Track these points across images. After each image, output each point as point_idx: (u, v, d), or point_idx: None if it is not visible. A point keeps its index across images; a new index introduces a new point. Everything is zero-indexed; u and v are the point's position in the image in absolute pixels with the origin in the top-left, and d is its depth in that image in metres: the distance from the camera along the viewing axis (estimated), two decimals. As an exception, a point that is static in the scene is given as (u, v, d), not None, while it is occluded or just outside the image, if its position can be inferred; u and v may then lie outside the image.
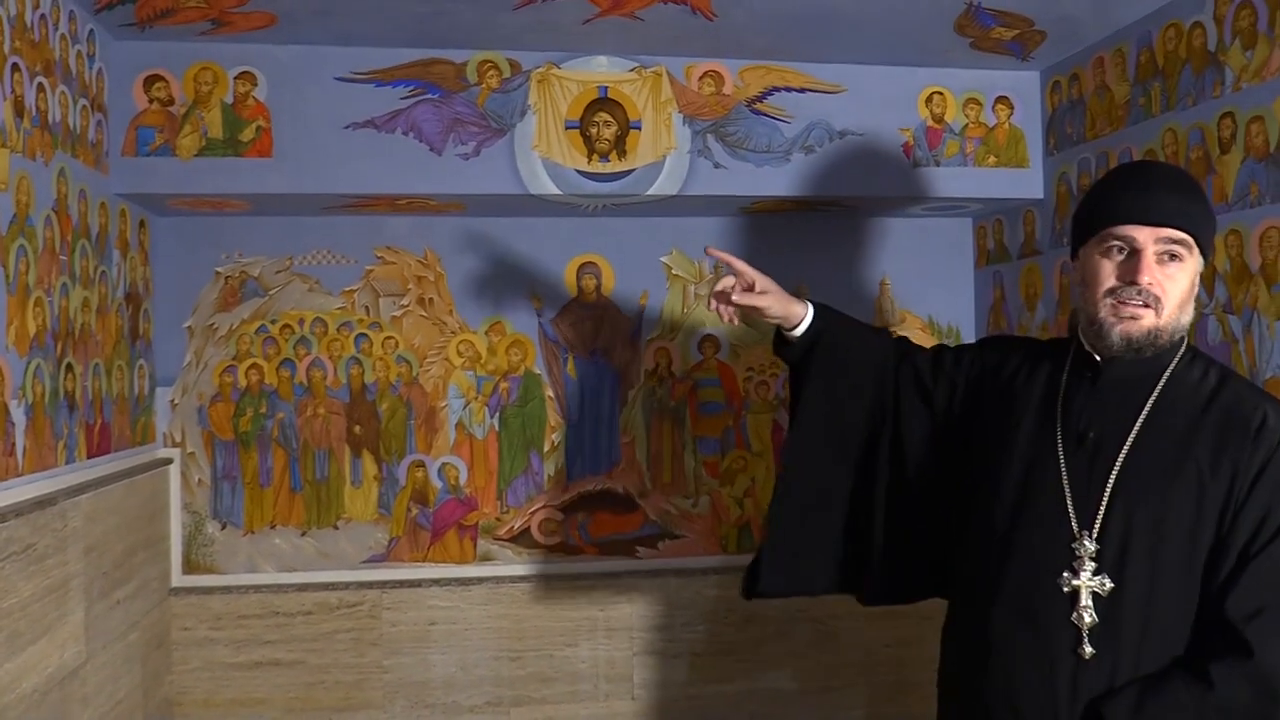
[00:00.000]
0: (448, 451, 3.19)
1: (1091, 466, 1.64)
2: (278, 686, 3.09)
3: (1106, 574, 1.59)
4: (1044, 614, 1.62)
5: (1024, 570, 1.67)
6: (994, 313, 3.32)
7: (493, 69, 2.86)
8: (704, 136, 2.93)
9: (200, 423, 3.09)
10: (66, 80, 2.42)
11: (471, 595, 3.17)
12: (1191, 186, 1.68)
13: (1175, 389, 1.65)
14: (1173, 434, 1.62)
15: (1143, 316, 1.62)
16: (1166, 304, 1.62)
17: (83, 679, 2.41)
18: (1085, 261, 1.70)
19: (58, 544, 2.28)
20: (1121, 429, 1.64)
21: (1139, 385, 1.66)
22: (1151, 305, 1.61)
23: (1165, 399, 1.64)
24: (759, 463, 3.32)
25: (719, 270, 3.27)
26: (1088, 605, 1.59)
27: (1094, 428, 1.67)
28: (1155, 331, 1.63)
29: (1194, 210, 1.63)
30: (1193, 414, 1.62)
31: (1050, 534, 1.65)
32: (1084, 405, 1.69)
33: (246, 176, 2.76)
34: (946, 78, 3.04)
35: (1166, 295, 1.62)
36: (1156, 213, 1.61)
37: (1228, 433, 1.58)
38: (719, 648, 3.28)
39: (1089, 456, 1.65)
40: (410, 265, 3.18)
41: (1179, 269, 1.62)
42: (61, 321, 2.37)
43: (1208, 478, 1.57)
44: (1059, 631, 1.60)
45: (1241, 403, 1.61)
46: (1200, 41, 2.43)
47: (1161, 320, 1.62)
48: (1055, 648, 1.61)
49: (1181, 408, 1.63)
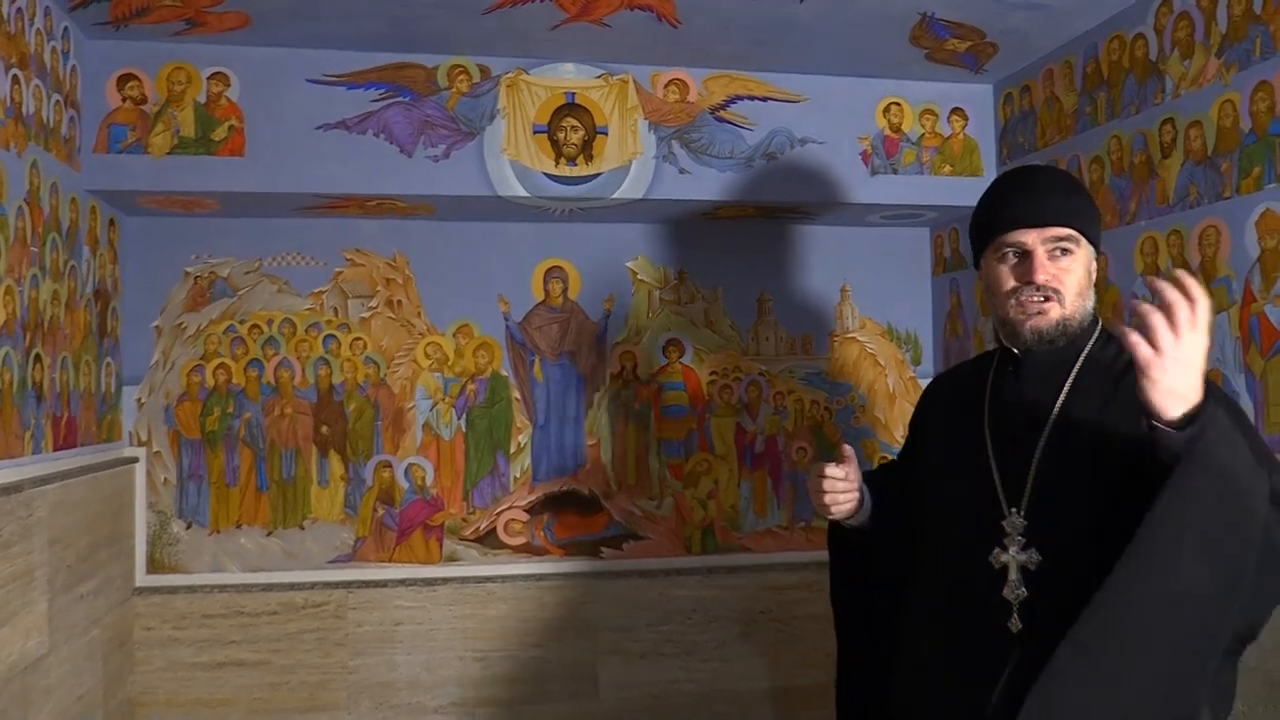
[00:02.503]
0: (414, 452, 3.21)
1: (1018, 449, 1.71)
2: (242, 687, 3.08)
3: (1035, 548, 1.62)
4: (976, 591, 1.67)
5: (957, 553, 1.73)
6: (950, 319, 3.41)
7: (463, 74, 2.92)
8: (669, 142, 3.01)
9: (167, 422, 3.10)
10: (40, 75, 2.46)
11: (437, 596, 3.19)
12: (1070, 184, 1.79)
13: (1091, 369, 1.72)
14: (1090, 409, 1.68)
15: (1049, 310, 1.70)
16: (1067, 294, 1.70)
17: (45, 670, 2.40)
18: (986, 269, 1.80)
19: (22, 532, 2.29)
20: (1043, 411, 1.72)
21: (1058, 370, 1.73)
22: (1054, 298, 1.70)
23: (1082, 379, 1.72)
24: (722, 465, 3.38)
25: None
26: (1017, 579, 1.63)
27: (1018, 413, 1.75)
28: (1063, 322, 1.71)
29: (1074, 206, 1.72)
30: (1107, 389, 1.69)
31: (980, 515, 1.70)
32: (1007, 395, 1.78)
33: (218, 175, 2.80)
34: (904, 89, 3.14)
35: (1065, 287, 1.70)
36: (1039, 215, 1.70)
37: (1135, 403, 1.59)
38: (683, 648, 3.31)
39: (1015, 440, 1.72)
40: (379, 268, 3.22)
41: (1071, 261, 1.71)
42: (31, 312, 2.38)
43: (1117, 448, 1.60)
44: (991, 607, 1.65)
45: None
46: (1142, 52, 2.54)
47: (1066, 310, 1.71)
48: (987, 623, 1.65)
49: (1097, 385, 1.70)
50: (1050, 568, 1.60)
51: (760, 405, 3.40)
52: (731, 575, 3.34)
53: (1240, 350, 2.23)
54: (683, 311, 3.38)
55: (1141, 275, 2.54)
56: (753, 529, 3.38)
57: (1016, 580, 1.63)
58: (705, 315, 3.39)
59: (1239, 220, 2.23)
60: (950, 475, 1.83)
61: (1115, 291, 2.64)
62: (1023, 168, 1.86)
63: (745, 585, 3.34)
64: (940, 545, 1.79)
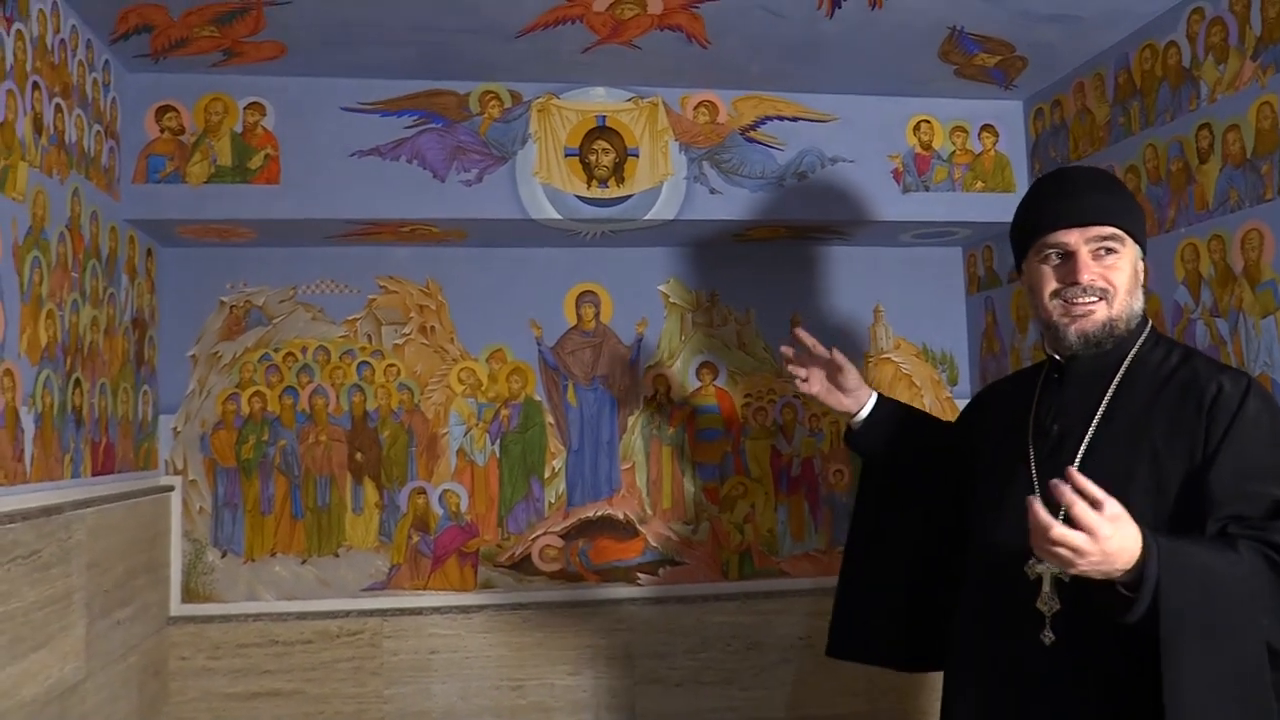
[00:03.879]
0: (449, 478, 3.20)
1: (1058, 457, 1.68)
2: (276, 717, 3.06)
3: None
4: (1012, 600, 1.65)
5: (997, 562, 1.71)
6: (986, 337, 3.38)
7: (494, 99, 2.95)
8: (699, 163, 3.02)
9: (202, 450, 3.11)
10: (82, 105, 2.50)
11: (472, 623, 3.16)
12: (1110, 182, 1.77)
13: (1137, 374, 1.69)
14: (1132, 417, 1.65)
15: (1095, 310, 1.68)
16: (1116, 294, 1.68)
17: (82, 696, 2.39)
18: (1029, 273, 1.78)
19: (61, 554, 2.29)
20: (1085, 418, 1.69)
21: (1102, 375, 1.71)
22: (1102, 297, 1.68)
23: (1127, 384, 1.69)
24: (758, 488, 3.34)
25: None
26: (1050, 592, 1.61)
27: (1059, 421, 1.72)
28: (1110, 323, 1.69)
29: (1117, 204, 1.70)
30: (1151, 395, 1.65)
31: (1019, 525, 1.65)
32: (1052, 403, 1.76)
33: (254, 202, 2.83)
34: (934, 107, 3.14)
35: (1114, 286, 1.68)
36: (1080, 214, 1.68)
37: (1183, 409, 1.60)
38: (721, 676, 3.25)
39: (1055, 449, 1.70)
40: (412, 294, 3.24)
41: (1116, 260, 1.69)
42: (71, 336, 2.41)
43: (1164, 456, 1.58)
44: (1024, 618, 1.63)
45: (1197, 378, 1.63)
46: (1175, 59, 2.53)
47: (1114, 310, 1.68)
48: (1021, 633, 1.63)
49: (1142, 391, 1.67)
50: (1084, 582, 1.55)
51: (795, 428, 3.37)
52: (770, 601, 3.29)
53: (1289, 354, 2.19)
54: (715, 334, 3.37)
55: (1183, 282, 2.50)
56: (790, 553, 3.34)
57: (1050, 593, 1.61)
58: (738, 337, 3.37)
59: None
60: (993, 481, 1.81)
61: (1156, 300, 2.60)
62: (1063, 168, 1.85)
63: (784, 611, 3.29)
64: (983, 551, 1.77)
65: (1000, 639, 1.68)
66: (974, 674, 1.74)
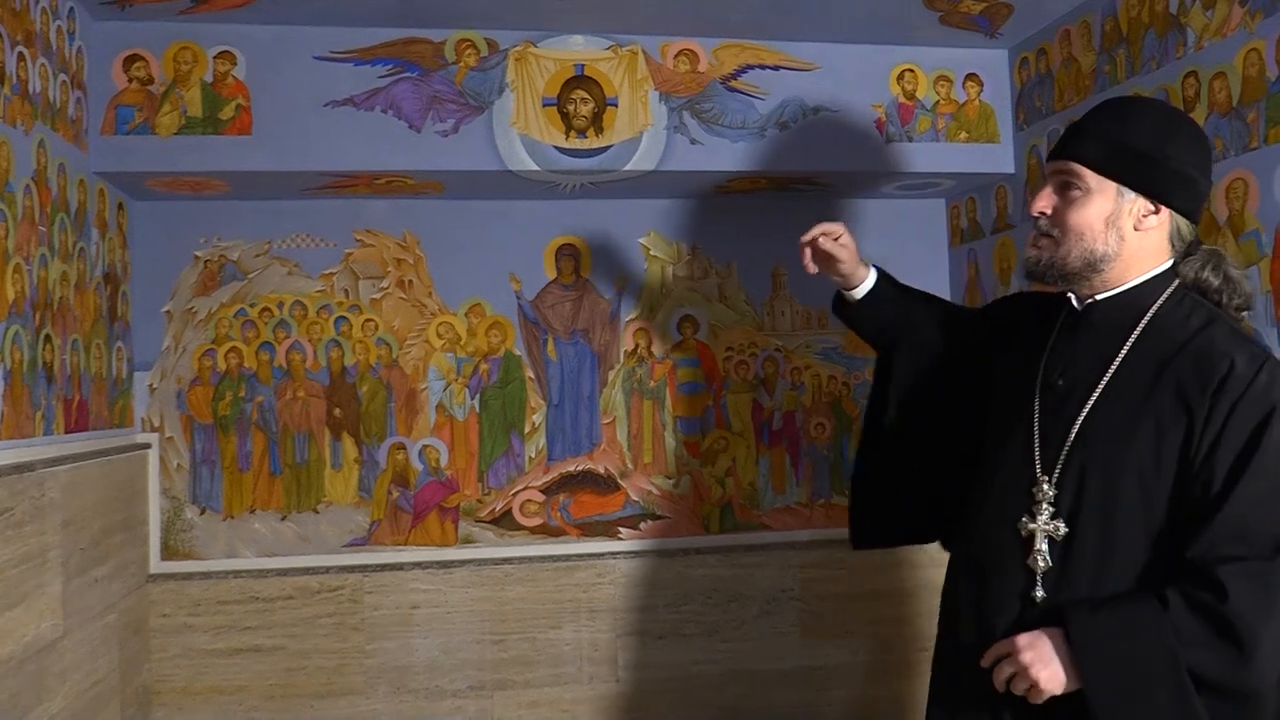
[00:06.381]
0: (428, 434, 3.18)
1: (1060, 413, 1.64)
2: (258, 673, 3.06)
3: (1062, 519, 1.58)
4: (1002, 558, 1.64)
5: (991, 514, 1.69)
6: (969, 290, 3.36)
7: (471, 48, 2.89)
8: (680, 113, 2.97)
9: (179, 407, 3.08)
10: (47, 54, 2.43)
11: (453, 578, 3.16)
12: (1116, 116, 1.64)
13: (1155, 333, 1.61)
14: (1141, 380, 1.58)
15: (1041, 246, 1.66)
16: (1064, 234, 1.62)
17: (60, 653, 2.38)
18: None
19: (35, 512, 2.26)
20: (1094, 375, 1.63)
21: (1118, 330, 1.63)
22: (1048, 234, 1.65)
23: (1142, 344, 1.61)
24: (739, 442, 3.33)
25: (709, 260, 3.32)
26: (1042, 549, 1.59)
27: (1065, 375, 1.67)
28: (1054, 262, 1.64)
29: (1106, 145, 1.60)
30: (1165, 359, 1.57)
31: (1015, 478, 1.66)
32: (1063, 353, 1.70)
33: (226, 154, 2.77)
34: (918, 55, 3.09)
35: (1062, 224, 1.63)
36: (1062, 146, 1.65)
37: (1193, 380, 1.52)
38: (703, 628, 3.27)
39: (1059, 403, 1.65)
40: (389, 248, 3.19)
41: (1074, 198, 1.62)
42: (40, 292, 2.36)
43: (1167, 425, 1.53)
44: (1015, 574, 1.62)
45: (1213, 348, 1.53)
46: (1163, 6, 2.49)
47: (1061, 249, 1.63)
48: (1010, 590, 1.62)
49: (1155, 353, 1.58)
50: (1075, 541, 1.56)
51: (777, 381, 3.36)
52: (751, 554, 3.30)
53: (1272, 305, 2.18)
54: (696, 287, 3.34)
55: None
56: (772, 506, 3.34)
57: (1042, 550, 1.59)
58: (719, 290, 3.34)
59: (1267, 171, 2.18)
60: (998, 427, 1.78)
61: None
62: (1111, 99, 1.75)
63: (765, 564, 3.30)
64: (979, 500, 1.75)
65: (990, 594, 1.66)
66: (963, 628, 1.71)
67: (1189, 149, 1.62)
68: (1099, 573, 1.55)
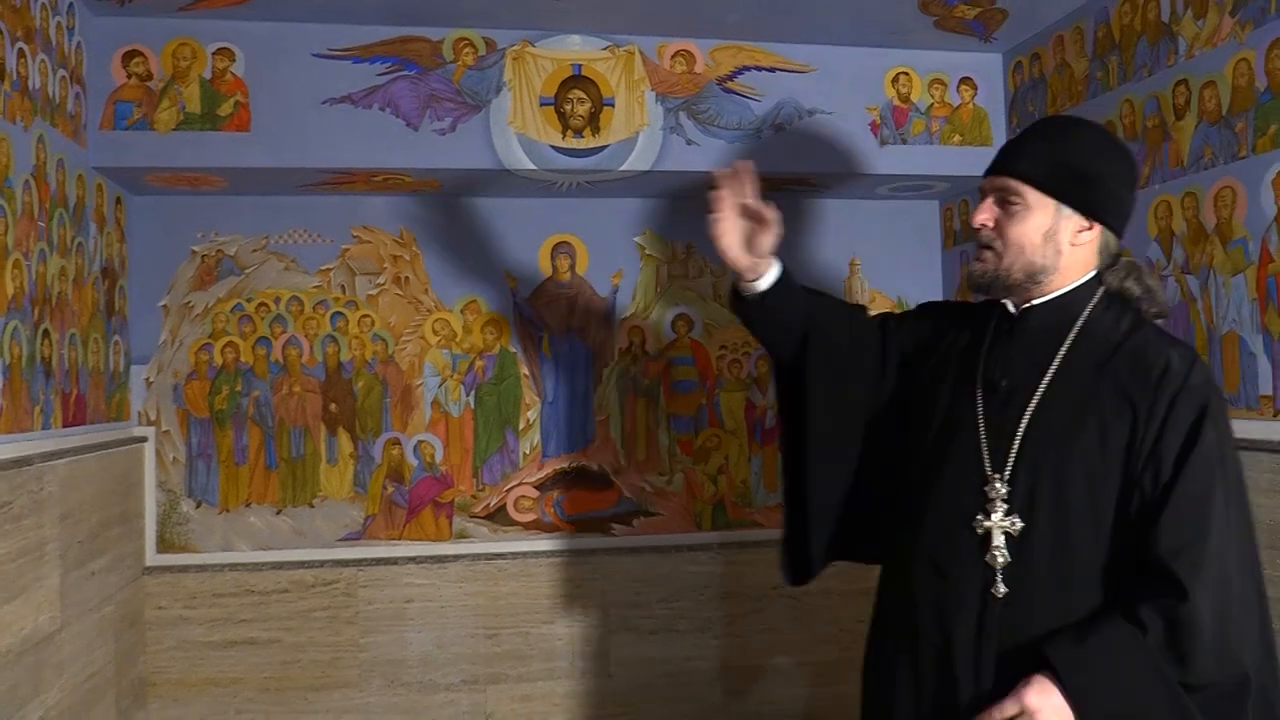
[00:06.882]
0: (423, 429, 3.20)
1: (1005, 413, 1.69)
2: (253, 666, 3.08)
3: (1017, 515, 1.62)
4: (960, 555, 1.66)
5: (942, 515, 1.71)
6: (962, 291, 3.39)
7: (468, 46, 2.90)
8: (676, 114, 2.99)
9: (175, 401, 3.09)
10: (46, 50, 2.44)
11: (447, 573, 3.18)
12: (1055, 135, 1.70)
13: (1087, 337, 1.68)
14: (1081, 380, 1.65)
15: (984, 259, 1.72)
16: (1005, 247, 1.68)
17: (58, 645, 2.40)
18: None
19: (33, 505, 2.28)
20: (1034, 376, 1.69)
21: (1053, 334, 1.70)
22: (990, 246, 1.71)
23: (1078, 347, 1.68)
24: (732, 440, 3.36)
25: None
26: (1000, 545, 1.62)
27: (1008, 376, 1.72)
28: (997, 274, 1.70)
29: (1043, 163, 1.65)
30: (1101, 360, 1.65)
31: (966, 478, 1.69)
32: (1000, 356, 1.75)
33: (224, 151, 2.78)
34: (912, 59, 3.11)
35: (1004, 237, 1.68)
36: (1002, 162, 1.71)
37: (1132, 378, 1.60)
38: (695, 624, 3.30)
39: (1003, 404, 1.70)
40: (386, 244, 3.21)
41: (1015, 212, 1.67)
42: (39, 287, 2.38)
43: (1110, 421, 1.59)
44: (974, 572, 1.64)
45: (1148, 349, 1.63)
46: (1154, 14, 2.52)
47: (1004, 262, 1.69)
48: (971, 587, 1.64)
49: (1091, 355, 1.66)
50: (1032, 534, 1.61)
51: (770, 380, 3.38)
52: (743, 551, 3.33)
53: (1258, 312, 2.21)
54: (691, 286, 3.36)
55: (1155, 239, 2.52)
56: (764, 504, 3.37)
57: (1000, 546, 1.63)
58: (714, 289, 3.37)
59: (1255, 180, 2.21)
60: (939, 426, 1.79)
61: (1128, 256, 2.61)
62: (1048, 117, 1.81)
63: (757, 561, 3.32)
64: (926, 504, 1.75)
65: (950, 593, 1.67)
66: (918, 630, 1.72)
67: (1121, 169, 1.71)
68: (1057, 565, 1.60)
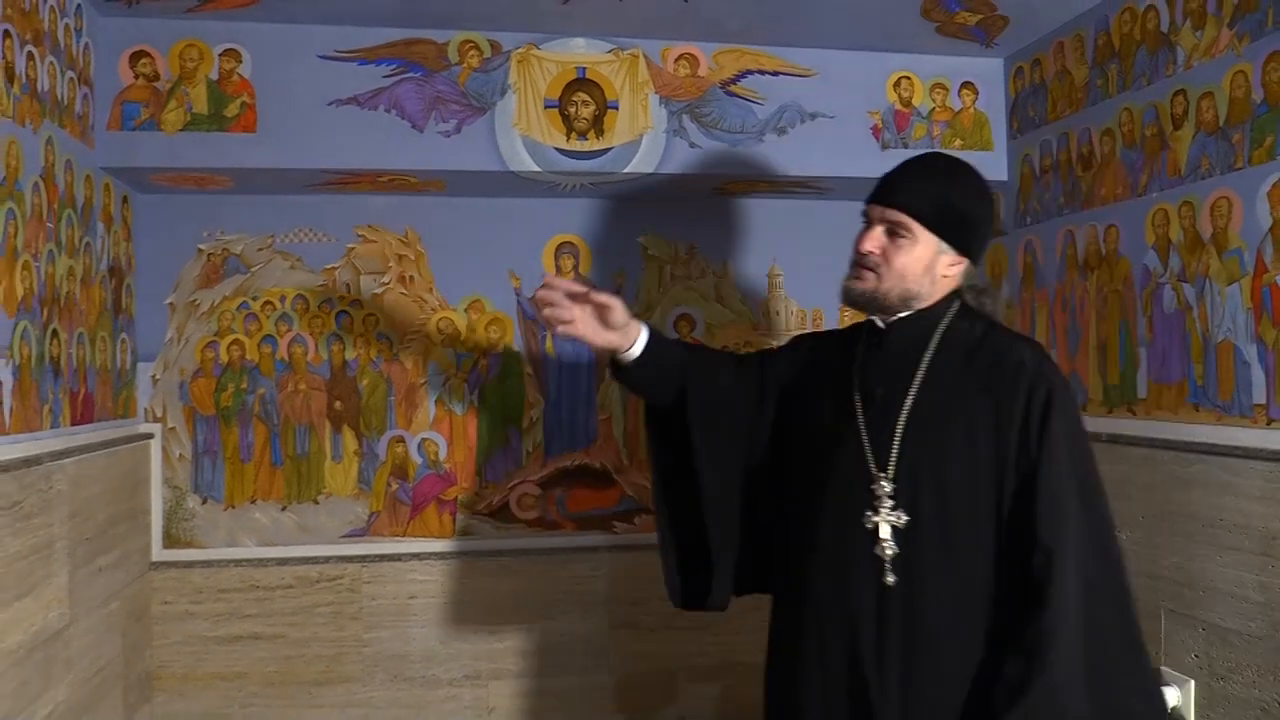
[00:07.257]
0: (427, 427, 3.24)
1: (884, 418, 1.83)
2: (258, 660, 3.12)
3: (902, 509, 1.76)
4: (851, 551, 1.79)
5: (832, 517, 1.83)
6: (960, 294, 3.41)
7: (474, 49, 2.93)
8: (679, 117, 3.01)
9: (182, 398, 3.13)
10: (55, 52, 2.47)
11: (451, 569, 3.22)
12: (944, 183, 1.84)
13: (948, 344, 1.84)
14: (946, 381, 1.81)
15: (865, 279, 1.84)
16: (888, 272, 1.82)
17: (66, 641, 2.44)
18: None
19: (43, 504, 2.31)
20: (904, 383, 1.83)
21: (917, 344, 1.85)
22: (873, 269, 1.83)
23: (940, 353, 1.84)
24: (733, 440, 3.39)
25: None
26: (888, 539, 1.76)
27: (882, 384, 1.86)
28: (875, 294, 1.84)
29: (928, 201, 1.80)
30: (962, 362, 1.82)
31: (853, 480, 1.82)
32: (873, 368, 1.90)
33: (230, 151, 2.81)
34: (914, 63, 3.14)
35: (888, 264, 1.82)
36: (888, 193, 1.84)
37: (991, 375, 1.78)
38: (695, 622, 3.31)
39: (881, 410, 1.84)
40: (391, 244, 3.23)
41: (901, 244, 1.81)
42: (48, 287, 2.40)
43: (976, 416, 1.76)
44: (865, 565, 1.78)
45: (1001, 348, 1.81)
46: (1154, 24, 2.54)
47: (883, 285, 1.83)
48: (863, 579, 1.78)
49: (953, 359, 1.83)
50: (917, 526, 1.75)
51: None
52: (742, 549, 3.36)
53: (1253, 322, 2.24)
54: (693, 287, 3.39)
55: (1153, 246, 2.54)
56: (763, 503, 3.39)
57: (888, 539, 1.76)
58: (716, 290, 3.39)
59: (1251, 191, 2.24)
60: (821, 436, 1.92)
61: (1126, 265, 2.64)
62: (926, 154, 2.00)
63: (756, 559, 3.35)
64: (815, 507, 1.87)
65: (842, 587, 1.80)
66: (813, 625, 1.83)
67: (989, 213, 1.90)
68: (943, 554, 1.75)
